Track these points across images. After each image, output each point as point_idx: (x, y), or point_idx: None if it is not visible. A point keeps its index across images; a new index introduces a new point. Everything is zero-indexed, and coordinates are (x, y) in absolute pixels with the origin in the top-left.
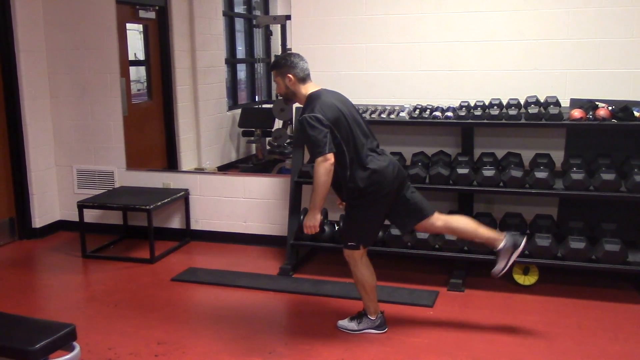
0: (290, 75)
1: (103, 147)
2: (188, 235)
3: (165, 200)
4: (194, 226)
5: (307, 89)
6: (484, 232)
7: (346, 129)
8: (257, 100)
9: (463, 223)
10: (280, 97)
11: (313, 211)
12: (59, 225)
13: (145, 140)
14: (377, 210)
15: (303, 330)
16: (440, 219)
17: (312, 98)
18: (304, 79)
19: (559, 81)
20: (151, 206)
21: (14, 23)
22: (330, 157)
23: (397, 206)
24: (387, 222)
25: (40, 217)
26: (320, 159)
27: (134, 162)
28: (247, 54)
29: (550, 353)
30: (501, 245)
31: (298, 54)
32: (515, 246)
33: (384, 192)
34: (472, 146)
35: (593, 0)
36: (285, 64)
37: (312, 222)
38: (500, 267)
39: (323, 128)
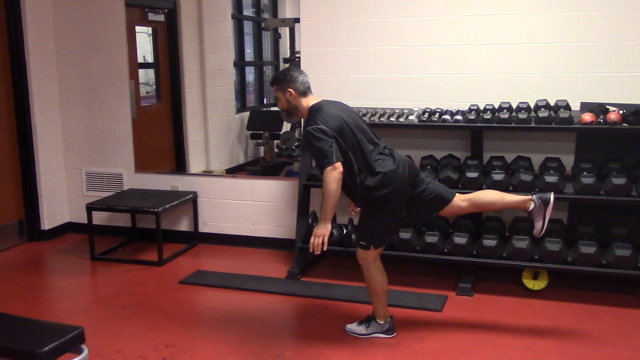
0: (290, 90)
1: (112, 149)
2: (196, 238)
3: (174, 203)
4: (202, 229)
5: (309, 101)
6: (511, 198)
7: (351, 137)
8: (265, 103)
9: (488, 196)
10: (282, 110)
11: (324, 221)
12: (68, 228)
13: (154, 142)
14: (392, 212)
15: (311, 334)
16: (464, 200)
17: (314, 110)
18: (305, 92)
19: (569, 85)
20: (159, 209)
21: (24, 26)
22: (339, 166)
23: (414, 202)
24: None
25: (49, 219)
26: (328, 168)
27: (143, 164)
28: (256, 56)
29: (560, 359)
30: (532, 206)
31: (297, 68)
32: (546, 203)
33: (399, 193)
34: (481, 150)
35: (604, 4)
36: (285, 78)
37: (323, 231)
38: (539, 226)
39: (328, 138)
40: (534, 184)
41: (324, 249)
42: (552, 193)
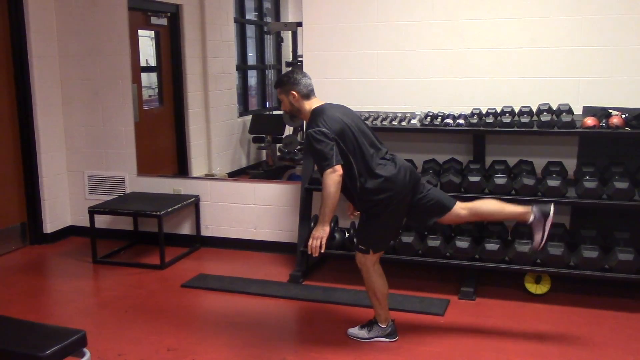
0: (293, 92)
1: (114, 152)
2: (198, 242)
3: (176, 207)
4: (204, 232)
5: (311, 104)
6: (511, 209)
7: (352, 141)
8: (267, 106)
9: (489, 205)
10: (285, 113)
11: (322, 223)
12: (70, 231)
13: (156, 146)
14: (392, 217)
15: (313, 338)
16: (464, 208)
17: (317, 113)
18: (308, 95)
19: (571, 89)
20: (162, 212)
21: (27, 29)
22: (338, 168)
23: (414, 207)
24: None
25: (51, 223)
26: (328, 170)
27: (145, 168)
28: (258, 60)
29: None
30: (532, 218)
31: (301, 71)
32: (545, 215)
33: (399, 199)
34: (483, 154)
35: (606, 8)
36: (288, 81)
37: (322, 233)
38: (538, 239)
39: (329, 141)
40: (537, 188)
41: (322, 252)
42: (553, 204)
